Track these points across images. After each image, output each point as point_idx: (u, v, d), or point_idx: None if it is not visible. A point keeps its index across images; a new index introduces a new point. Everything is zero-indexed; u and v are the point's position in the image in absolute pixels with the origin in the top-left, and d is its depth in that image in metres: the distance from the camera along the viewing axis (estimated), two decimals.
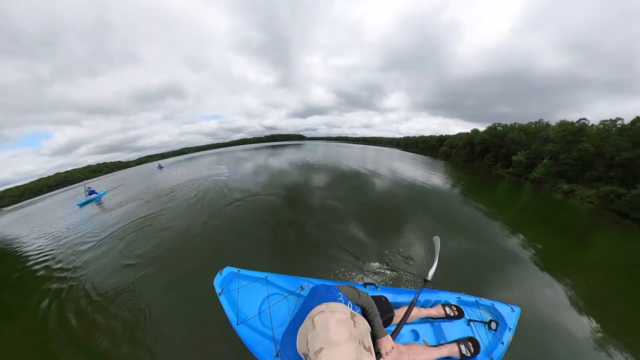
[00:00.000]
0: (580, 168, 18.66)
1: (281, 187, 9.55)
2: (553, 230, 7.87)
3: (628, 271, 5.42)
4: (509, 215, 8.31)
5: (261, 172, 14.15)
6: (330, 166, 15.87)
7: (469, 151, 36.61)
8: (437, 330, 1.85)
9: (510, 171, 25.45)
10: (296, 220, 5.93)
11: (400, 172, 14.99)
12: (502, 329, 1.91)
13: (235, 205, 7.37)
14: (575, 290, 4.15)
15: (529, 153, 24.21)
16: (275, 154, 28.83)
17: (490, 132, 32.84)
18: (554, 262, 5.06)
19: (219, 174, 14.46)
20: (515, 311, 2.09)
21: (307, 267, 3.84)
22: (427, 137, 62.59)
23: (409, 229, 5.55)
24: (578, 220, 10.79)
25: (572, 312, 3.67)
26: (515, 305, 2.13)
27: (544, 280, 4.37)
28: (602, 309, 3.80)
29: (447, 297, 2.10)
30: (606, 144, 17.76)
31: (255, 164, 19.03)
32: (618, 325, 3.54)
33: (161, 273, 4.24)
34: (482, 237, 5.94)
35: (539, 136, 24.81)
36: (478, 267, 4.39)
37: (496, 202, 10.90)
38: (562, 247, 6.36)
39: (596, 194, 15.37)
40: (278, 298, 1.77)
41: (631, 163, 15.46)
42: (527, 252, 5.37)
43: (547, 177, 20.51)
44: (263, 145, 72.75)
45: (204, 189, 10.43)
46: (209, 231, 5.62)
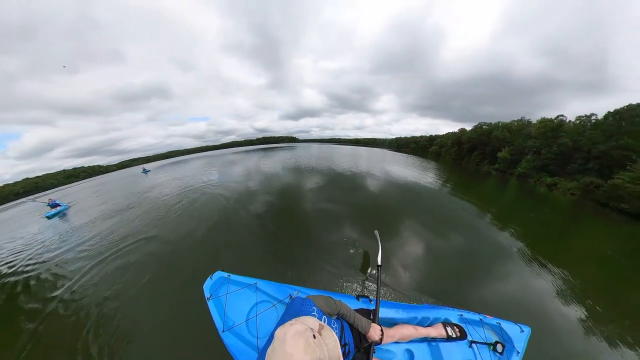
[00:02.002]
0: (561, 162, 19.44)
1: (274, 191, 9.32)
2: (540, 223, 7.96)
3: (602, 260, 5.49)
4: (497, 211, 8.45)
5: (253, 176, 13.86)
6: (323, 168, 15.69)
7: (458, 150, 37.64)
8: (434, 352, 1.68)
9: (496, 167, 26.26)
10: (289, 225, 5.80)
11: (391, 173, 14.99)
12: (509, 352, 1.71)
13: (227, 210, 7.16)
14: (562, 281, 4.12)
15: (513, 149, 25.10)
16: (267, 157, 28.34)
17: (476, 131, 33.94)
18: (544, 255, 5.03)
19: (209, 178, 14.07)
20: (525, 332, 1.84)
21: (298, 275, 3.68)
22: (417, 137, 64.13)
23: (401, 233, 5.39)
24: (562, 213, 11.08)
25: (567, 302, 3.60)
26: (525, 324, 1.89)
27: (534, 273, 4.33)
28: (585, 296, 3.77)
29: (448, 314, 1.93)
30: (583, 138, 18.66)
31: (247, 167, 18.62)
32: (605, 308, 3.52)
33: (149, 279, 4.06)
34: (473, 235, 5.90)
35: (522, 133, 25.84)
36: (471, 266, 4.27)
37: (485, 199, 10.98)
38: (549, 240, 6.39)
39: (576, 185, 16.01)
40: (266, 306, 1.73)
41: (606, 155, 16.24)
42: (515, 246, 5.36)
43: (531, 172, 21.23)
44: (255, 148, 72.08)
45: (194, 194, 10.03)
46: (200, 237, 5.42)
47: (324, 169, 15.54)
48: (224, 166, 21.02)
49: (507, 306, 3.34)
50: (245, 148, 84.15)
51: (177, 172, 21.82)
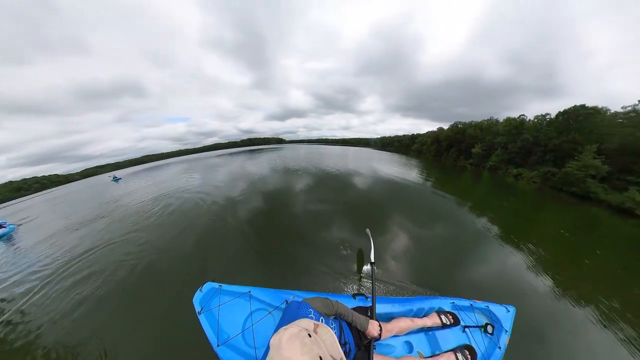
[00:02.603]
0: (524, 155, 22.00)
1: (262, 194, 8.89)
2: (510, 210, 8.93)
3: (558, 237, 6.42)
4: (474, 202, 9.15)
5: (239, 179, 13.00)
6: (311, 169, 15.33)
7: (437, 147, 40.46)
8: (431, 341, 1.77)
9: (471, 162, 28.90)
10: (279, 229, 5.59)
11: (378, 171, 15.27)
12: (498, 332, 1.84)
13: (212, 217, 6.63)
14: (532, 259, 4.59)
15: (484, 145, 27.76)
16: (253, 159, 27.25)
17: (453, 130, 36.89)
18: (515, 238, 5.56)
19: (190, 184, 12.65)
20: (510, 311, 2.00)
21: (292, 279, 3.56)
22: (400, 136, 67.52)
23: (391, 229, 5.36)
24: (527, 200, 12.61)
25: (537, 276, 4.01)
26: (510, 305, 2.05)
27: (509, 254, 4.74)
28: (551, 270, 4.22)
29: (440, 303, 2.01)
30: (540, 134, 21.35)
31: (232, 171, 17.39)
32: (567, 277, 4.08)
33: (128, 298, 3.58)
34: (455, 225, 6.21)
35: (491, 131, 28.67)
36: (456, 254, 4.41)
37: (462, 191, 12.04)
38: (519, 224, 7.16)
39: (537, 174, 18.34)
40: (262, 314, 1.67)
41: (559, 148, 18.83)
42: (491, 232, 5.88)
43: (500, 164, 23.77)
44: (239, 150, 68.37)
45: (173, 201, 9.08)
46: (185, 247, 4.99)
47: (312, 170, 15.13)
48: (207, 170, 19.19)
49: (492, 288, 3.53)
50: (230, 150, 78.89)
51: (153, 178, 19.75)
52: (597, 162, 14.95)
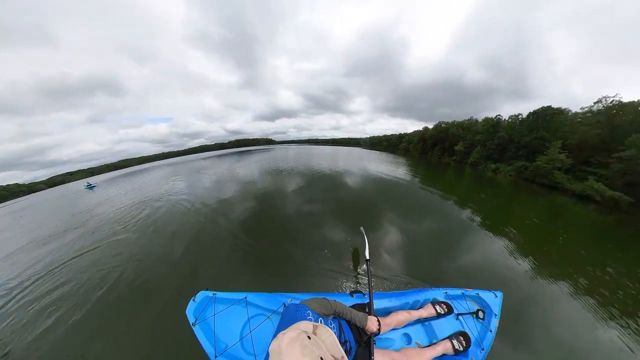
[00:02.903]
0: (501, 151, 23.93)
1: (252, 197, 8.54)
2: (490, 202, 9.71)
3: (532, 225, 7.14)
4: (458, 195, 9.79)
5: (228, 182, 12.25)
6: (302, 169, 15.11)
7: (423, 146, 42.44)
8: (428, 330, 1.84)
9: (454, 159, 30.82)
10: (272, 232, 5.44)
11: (368, 170, 15.56)
12: (488, 316, 1.94)
13: (201, 223, 6.33)
14: (511, 245, 5.04)
15: (466, 143, 29.73)
16: (242, 161, 26.19)
17: (437, 129, 38.96)
18: (496, 227, 6.11)
19: (175, 189, 11.83)
20: (498, 296, 2.11)
21: (289, 281, 3.50)
22: (389, 136, 69.71)
23: (384, 226, 5.43)
24: (504, 192, 13.80)
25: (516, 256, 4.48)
26: (498, 290, 2.17)
27: (489, 242, 5.13)
28: (528, 253, 4.69)
29: (434, 294, 2.10)
30: (514, 132, 23.35)
31: (220, 173, 16.46)
32: (541, 258, 4.52)
33: (113, 315, 3.30)
34: (443, 217, 6.50)
35: (471, 130, 30.73)
36: (446, 246, 4.62)
37: (447, 186, 12.76)
38: (498, 214, 7.87)
39: (512, 169, 20.13)
40: (260, 319, 1.64)
41: (530, 144, 20.76)
42: (475, 222, 6.37)
43: (480, 160, 25.69)
44: (227, 152, 65.52)
45: (158, 209, 8.43)
46: (173, 256, 4.71)
47: (304, 170, 14.93)
48: (193, 174, 18.13)
49: (480, 275, 3.71)
50: (217, 152, 75.35)
51: (134, 184, 18.38)
52: (562, 156, 16.80)
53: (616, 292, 3.55)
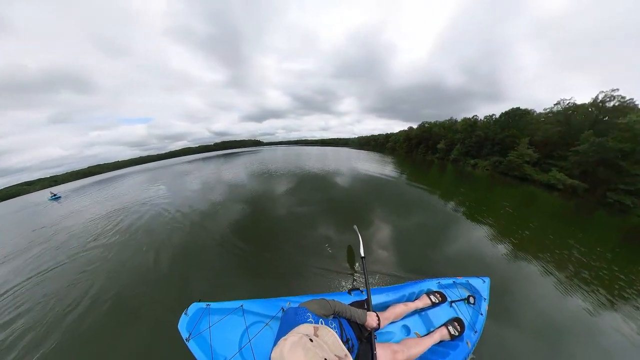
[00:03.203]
0: (478, 148, 25.90)
1: (241, 201, 8.07)
2: (470, 195, 10.35)
3: (507, 213, 7.85)
4: (442, 190, 10.34)
5: (214, 187, 11.41)
6: (292, 171, 14.56)
7: (408, 145, 44.40)
8: (425, 320, 1.92)
9: (437, 156, 32.73)
10: (265, 235, 5.23)
11: (358, 169, 15.60)
12: (479, 301, 2.06)
13: (187, 231, 5.89)
14: (492, 231, 5.43)
15: (447, 141, 31.70)
16: (229, 164, 24.21)
17: (421, 129, 41.03)
18: (477, 217, 6.60)
19: (156, 196, 10.78)
20: (486, 282, 2.26)
21: (286, 285, 3.40)
22: (376, 136, 72.01)
23: (376, 223, 5.49)
24: (482, 184, 15.00)
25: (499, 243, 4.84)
26: (485, 276, 2.34)
27: (472, 231, 5.46)
28: (506, 239, 5.08)
29: (428, 285, 2.20)
30: (489, 130, 25.38)
31: (206, 178, 14.99)
32: (517, 241, 5.00)
33: (95, 336, 2.91)
34: (430, 211, 6.81)
35: (452, 129, 32.82)
36: (435, 238, 4.82)
37: (432, 181, 13.43)
38: (478, 205, 8.43)
39: (488, 163, 21.93)
40: (259, 327, 1.58)
41: (503, 141, 22.78)
42: (458, 214, 6.73)
43: (460, 157, 27.62)
44: (213, 155, 61.43)
45: (137, 218, 7.58)
46: (159, 268, 4.34)
47: (294, 171, 14.47)
48: (176, 179, 16.55)
49: (468, 263, 3.89)
50: (202, 155, 70.27)
51: (108, 192, 16.13)
52: (529, 151, 18.66)
53: (579, 267, 4.14)
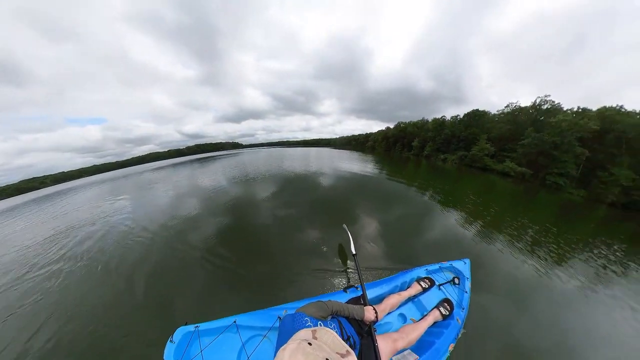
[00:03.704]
0: (447, 144, 29.01)
1: (221, 209, 7.42)
2: (442, 186, 11.50)
3: (474, 198, 9.31)
4: (418, 183, 11.19)
5: (189, 196, 10.00)
6: (274, 173, 13.80)
7: (386, 143, 47.29)
8: (418, 305, 2.00)
9: (412, 153, 35.65)
10: (251, 243, 4.96)
11: (340, 168, 15.59)
12: (462, 281, 2.22)
13: (161, 249, 5.19)
14: (462, 217, 6.01)
15: (420, 139, 34.71)
16: (204, 169, 20.92)
17: (397, 128, 44.10)
18: (450, 205, 7.20)
19: (118, 212, 8.76)
20: (467, 263, 2.48)
21: (279, 292, 3.25)
22: (357, 135, 75.20)
23: (363, 219, 5.58)
24: (452, 176, 16.79)
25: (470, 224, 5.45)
26: (465, 258, 2.57)
27: (448, 218, 5.98)
28: (475, 221, 5.73)
29: (417, 272, 2.32)
30: (455, 129, 28.54)
31: (178, 186, 12.94)
32: (484, 223, 5.51)
33: None
34: (410, 203, 7.22)
35: (424, 128, 35.96)
36: (417, 227, 5.15)
37: (409, 176, 14.17)
38: (450, 195, 9.46)
39: (455, 157, 24.71)
40: (257, 341, 1.50)
41: (467, 138, 25.94)
42: (434, 203, 7.39)
43: (432, 153, 30.60)
44: (186, 160, 50.22)
45: (96, 241, 6.16)
46: (132, 295, 3.72)
47: (277, 174, 13.69)
48: (141, 190, 14.06)
49: (449, 247, 4.19)
50: (172, 161, 58.39)
51: (50, 211, 12.50)
52: (487, 146, 21.68)
53: (533, 239, 5.07)
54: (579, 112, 18.24)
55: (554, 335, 2.41)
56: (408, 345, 1.52)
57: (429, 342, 1.62)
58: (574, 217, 8.67)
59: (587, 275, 3.73)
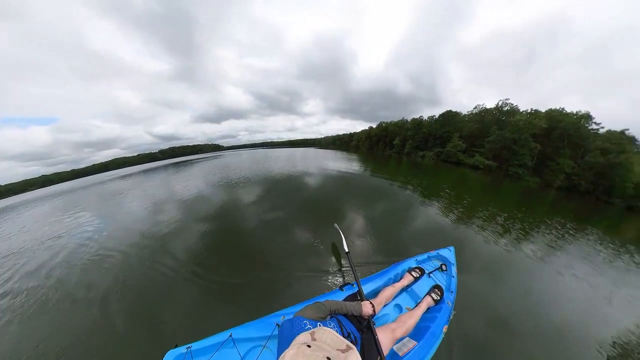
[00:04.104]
0: (425, 142, 31.33)
1: (204, 218, 6.80)
2: (422, 178, 12.69)
3: (450, 190, 9.58)
4: (400, 179, 11.78)
5: (164, 207, 8.71)
6: (260, 175, 13.14)
7: (369, 142, 49.18)
8: (412, 294, 2.09)
9: (394, 151, 37.74)
10: (239, 252, 4.69)
11: (327, 168, 15.52)
12: (449, 267, 2.38)
13: (138, 269, 4.53)
14: (441, 207, 6.49)
15: (401, 138, 36.80)
16: (180, 174, 18.59)
17: (379, 128, 46.18)
18: (430, 196, 7.80)
19: (79, 230, 7.26)
20: (451, 250, 2.66)
21: (274, 299, 3.15)
22: (341, 135, 76.56)
23: (354, 217, 5.62)
24: (429, 171, 18.12)
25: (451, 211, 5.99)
26: (450, 246, 2.75)
27: (430, 207, 6.51)
28: (453, 209, 6.27)
29: (408, 263, 2.44)
30: (432, 128, 30.87)
31: (150, 196, 10.99)
32: (461, 210, 6.27)
33: None
34: (395, 198, 7.51)
35: (404, 127, 38.16)
36: (404, 220, 5.40)
37: (392, 173, 14.74)
38: (429, 188, 10.21)
39: (433, 154, 26.72)
40: (256, 352, 1.46)
41: (441, 136, 28.35)
42: (416, 195, 7.80)
43: (412, 150, 32.76)
44: (160, 165, 43.93)
45: (56, 268, 5.05)
46: (114, 325, 3.22)
47: (263, 176, 13.17)
48: (105, 203, 11.96)
49: (435, 236, 4.51)
50: (143, 167, 49.17)
51: None
52: (460, 142, 23.95)
53: (502, 224, 5.67)
54: (532, 113, 21.14)
55: (524, 300, 2.90)
56: (406, 333, 1.60)
57: (425, 327, 1.71)
58: (532, 201, 10.12)
59: (544, 250, 4.48)
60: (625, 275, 3.97)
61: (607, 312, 2.93)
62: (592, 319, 2.73)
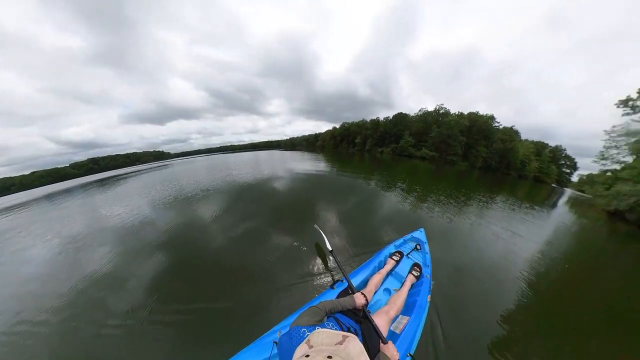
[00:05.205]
0: (382, 139, 35.37)
1: (155, 246, 5.04)
2: (385, 174, 14.04)
3: (406, 180, 11.89)
4: (364, 173, 12.65)
5: (94, 241, 5.62)
6: (219, 185, 10.90)
7: (334, 142, 51.72)
8: (397, 277, 2.27)
9: (356, 149, 40.96)
10: (211, 275, 3.96)
11: (295, 170, 14.74)
12: (423, 246, 2.65)
13: (75, 334, 2.74)
14: (405, 194, 7.20)
15: (362, 137, 40.25)
16: (106, 196, 12.35)
17: (342, 128, 49.20)
18: (394, 185, 8.57)
19: None
20: (422, 231, 3.00)
21: (266, 316, 2.88)
22: (307, 136, 77.20)
23: (330, 216, 5.61)
24: (389, 164, 20.44)
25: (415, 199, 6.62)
26: (420, 227, 3.11)
27: (396, 196, 6.98)
28: (420, 196, 7.06)
29: (388, 249, 2.62)
30: (387, 127, 35.00)
31: (68, 231, 6.33)
32: (428, 196, 7.56)
33: None
34: (363, 191, 7.92)
35: (364, 127, 41.73)
36: (375, 210, 5.72)
37: (357, 168, 15.76)
38: (391, 177, 11.61)
39: (389, 150, 30.40)
40: None
41: (395, 134, 32.67)
42: (381, 186, 8.48)
43: (372, 147, 36.53)
44: (74, 184, 24.48)
45: None
46: None
47: (223, 186, 11.26)
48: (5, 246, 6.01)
49: (406, 220, 4.94)
50: (43, 190, 25.83)
51: None
52: (410, 139, 28.07)
53: (449, 201, 6.82)
54: (459, 115, 26.82)
55: (472, 252, 3.74)
56: (398, 312, 1.73)
57: (413, 302, 1.88)
58: (465, 180, 12.97)
59: (477, 213, 6.08)
60: (520, 223, 5.76)
61: (516, 245, 4.30)
62: (508, 255, 3.95)
